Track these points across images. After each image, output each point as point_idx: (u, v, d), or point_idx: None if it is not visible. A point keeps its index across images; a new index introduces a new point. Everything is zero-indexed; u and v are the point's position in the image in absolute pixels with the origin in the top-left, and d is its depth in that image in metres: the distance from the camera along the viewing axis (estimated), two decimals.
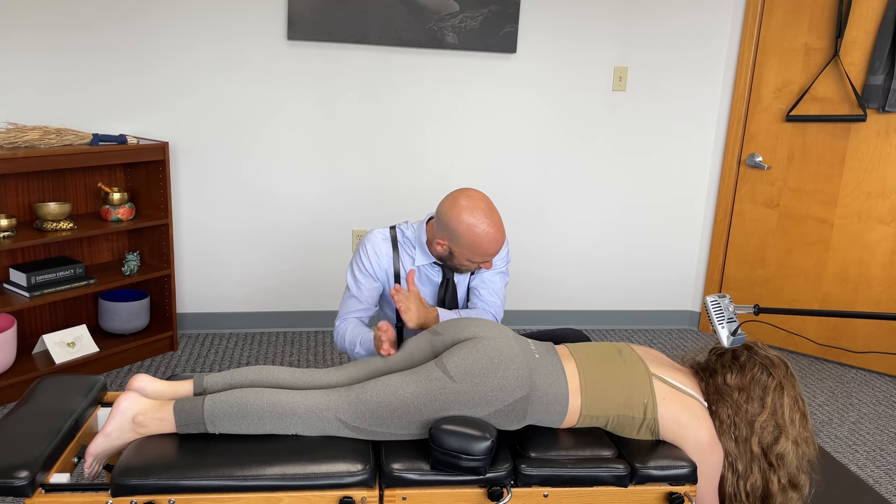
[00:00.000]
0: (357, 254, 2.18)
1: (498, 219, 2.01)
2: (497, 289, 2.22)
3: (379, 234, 2.17)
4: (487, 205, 2.01)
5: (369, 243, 2.16)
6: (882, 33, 3.28)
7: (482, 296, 2.20)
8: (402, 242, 2.17)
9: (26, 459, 1.50)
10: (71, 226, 2.91)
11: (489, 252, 2.01)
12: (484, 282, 2.21)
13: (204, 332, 3.61)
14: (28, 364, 2.92)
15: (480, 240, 1.98)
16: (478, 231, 1.98)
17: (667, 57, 3.70)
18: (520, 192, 3.76)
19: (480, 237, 1.98)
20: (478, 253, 2.01)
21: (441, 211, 2.02)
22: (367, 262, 2.15)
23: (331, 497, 1.58)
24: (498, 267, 2.22)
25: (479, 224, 1.98)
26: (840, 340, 3.67)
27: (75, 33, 3.12)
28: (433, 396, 1.64)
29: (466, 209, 1.98)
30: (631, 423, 1.76)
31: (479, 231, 1.98)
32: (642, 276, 4.01)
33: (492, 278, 2.21)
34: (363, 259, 2.15)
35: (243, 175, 3.47)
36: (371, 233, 2.18)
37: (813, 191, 3.62)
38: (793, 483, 1.74)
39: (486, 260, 2.05)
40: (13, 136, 2.77)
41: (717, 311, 1.79)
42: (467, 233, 1.98)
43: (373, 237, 2.17)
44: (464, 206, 1.99)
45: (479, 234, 1.98)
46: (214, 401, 1.64)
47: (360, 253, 2.17)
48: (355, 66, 3.43)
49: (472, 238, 1.98)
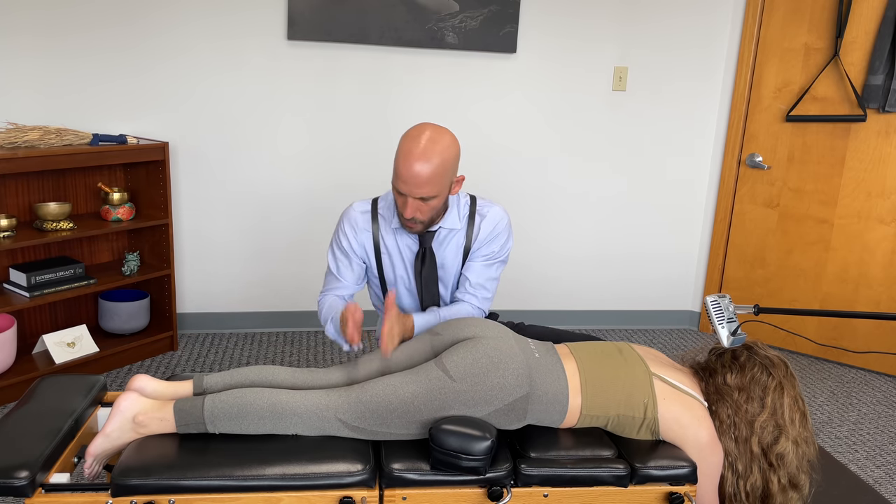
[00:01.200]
0: (335, 231, 2.10)
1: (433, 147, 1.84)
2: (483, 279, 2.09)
3: (357, 208, 2.08)
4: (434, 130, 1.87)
5: (346, 220, 2.08)
6: (882, 33, 3.28)
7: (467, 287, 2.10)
8: (382, 210, 2.07)
9: (26, 459, 1.50)
10: (71, 226, 2.91)
11: (401, 172, 1.84)
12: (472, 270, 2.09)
13: (204, 332, 3.61)
14: (28, 364, 2.92)
15: (400, 149, 1.86)
16: (403, 137, 1.87)
17: (667, 57, 3.70)
18: (520, 192, 3.76)
19: (401, 146, 1.86)
20: (395, 168, 1.87)
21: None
22: (343, 239, 2.08)
23: (331, 497, 1.58)
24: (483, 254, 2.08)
25: (408, 135, 1.87)
26: (840, 340, 3.67)
27: (75, 34, 3.12)
28: (433, 396, 1.64)
29: (407, 131, 1.89)
30: (631, 423, 1.76)
31: (404, 137, 1.87)
32: (642, 276, 4.01)
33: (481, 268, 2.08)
34: (340, 237, 2.08)
35: (243, 175, 3.47)
36: (349, 207, 2.09)
37: (813, 191, 3.62)
38: (793, 483, 1.74)
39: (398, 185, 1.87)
40: (13, 136, 2.77)
41: (717, 311, 1.79)
42: (400, 140, 1.88)
43: (350, 212, 2.08)
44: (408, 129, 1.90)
45: (402, 141, 1.86)
46: (214, 401, 1.64)
47: (337, 231, 2.10)
48: (355, 66, 3.43)
49: (398, 147, 1.87)
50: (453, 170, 1.91)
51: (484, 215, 2.07)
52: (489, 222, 2.07)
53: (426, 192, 1.86)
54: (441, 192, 1.90)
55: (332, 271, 2.13)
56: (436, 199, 1.90)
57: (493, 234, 2.07)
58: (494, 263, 2.11)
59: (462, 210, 2.06)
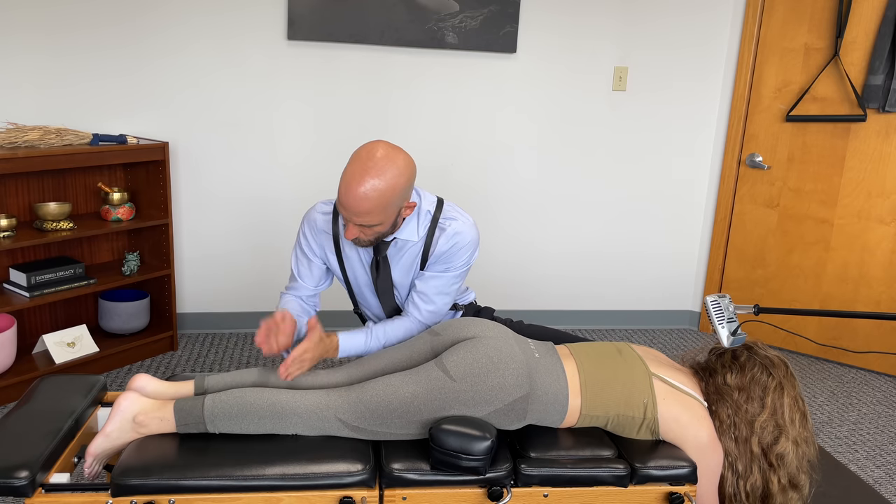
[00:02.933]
0: (298, 233, 2.06)
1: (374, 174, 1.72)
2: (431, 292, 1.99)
3: (319, 209, 2.01)
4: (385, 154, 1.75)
5: (306, 221, 2.02)
6: (882, 33, 3.28)
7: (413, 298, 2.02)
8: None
9: (26, 459, 1.50)
10: (71, 226, 2.91)
11: (342, 198, 1.75)
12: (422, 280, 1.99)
13: (204, 332, 3.61)
14: (28, 364, 2.92)
15: (343, 177, 1.75)
16: (346, 168, 1.76)
17: (667, 57, 3.70)
18: (519, 193, 3.76)
19: (344, 174, 1.75)
20: (338, 197, 1.77)
21: None
22: (303, 240, 2.03)
23: (331, 497, 1.58)
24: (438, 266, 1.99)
25: (351, 163, 1.76)
26: (840, 340, 3.67)
27: (75, 33, 3.12)
28: (433, 396, 1.64)
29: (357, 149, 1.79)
30: (631, 423, 1.76)
31: (347, 168, 1.76)
32: (642, 276, 4.01)
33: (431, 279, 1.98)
34: (300, 238, 2.04)
35: (243, 175, 3.47)
36: (312, 208, 2.02)
37: (813, 191, 3.62)
38: (793, 483, 1.74)
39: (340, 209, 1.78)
40: (13, 136, 2.77)
41: (717, 311, 1.79)
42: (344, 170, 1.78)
43: (311, 213, 2.01)
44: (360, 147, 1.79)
45: (345, 171, 1.76)
46: (215, 400, 1.64)
47: (298, 232, 2.05)
48: (355, 66, 3.43)
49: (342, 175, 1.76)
50: (402, 198, 1.80)
51: (444, 228, 1.95)
52: (448, 238, 1.95)
53: (366, 221, 1.77)
54: (385, 219, 1.80)
55: (292, 271, 2.11)
56: (379, 225, 1.81)
57: (453, 249, 1.96)
58: (446, 276, 1.99)
59: (423, 221, 1.95)
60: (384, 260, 1.98)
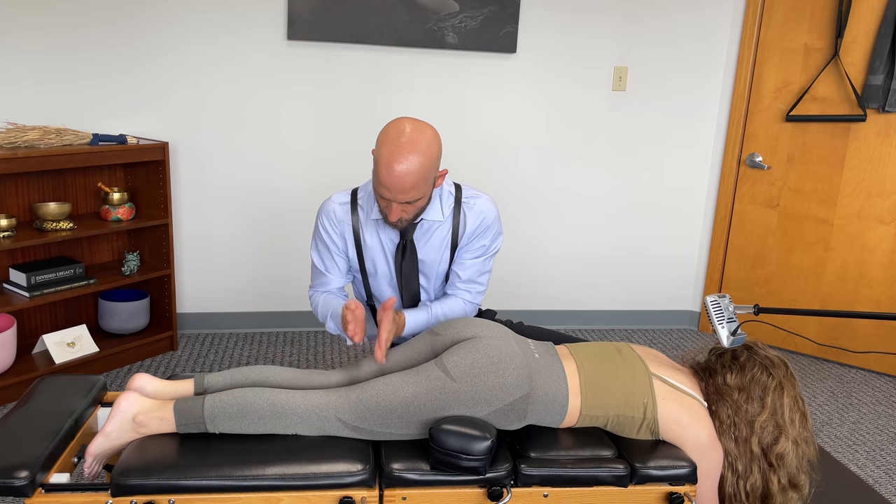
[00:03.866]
0: (315, 227, 2.06)
1: (409, 148, 1.75)
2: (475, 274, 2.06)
3: (336, 199, 2.02)
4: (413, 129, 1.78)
5: (324, 213, 2.02)
6: (882, 33, 3.28)
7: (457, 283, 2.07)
8: (362, 200, 2.01)
9: (26, 459, 1.50)
10: (71, 226, 2.91)
11: (383, 179, 1.77)
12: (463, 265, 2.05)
13: (204, 332, 3.61)
14: (28, 364, 2.92)
15: (380, 153, 1.78)
16: (382, 139, 1.79)
17: (667, 57, 3.70)
18: (519, 193, 3.76)
19: (380, 150, 1.78)
20: (376, 174, 1.79)
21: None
22: (323, 233, 2.03)
23: (331, 497, 1.58)
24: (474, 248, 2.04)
25: (387, 137, 1.78)
26: (840, 340, 3.67)
27: (75, 33, 3.12)
28: (433, 396, 1.64)
29: (391, 122, 1.80)
30: (631, 423, 1.76)
31: (382, 139, 1.79)
32: (642, 276, 4.01)
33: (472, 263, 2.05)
34: (320, 231, 2.03)
35: (243, 175, 3.47)
36: (328, 200, 2.03)
37: (813, 191, 3.62)
38: (793, 483, 1.74)
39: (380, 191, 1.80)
40: (13, 136, 2.77)
41: (717, 311, 1.79)
42: (378, 141, 1.80)
43: (328, 204, 2.02)
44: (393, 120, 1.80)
45: (381, 143, 1.78)
46: (215, 400, 1.64)
47: (317, 226, 2.05)
48: (355, 66, 3.44)
49: (377, 150, 1.79)
50: (436, 167, 1.84)
51: (471, 206, 2.00)
52: (476, 215, 2.00)
53: (411, 196, 1.81)
54: (426, 192, 1.84)
55: (317, 267, 2.09)
56: (421, 199, 1.85)
57: (483, 227, 2.01)
58: (485, 257, 2.06)
59: (446, 201, 1.99)
60: (411, 243, 1.98)
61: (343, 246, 2.05)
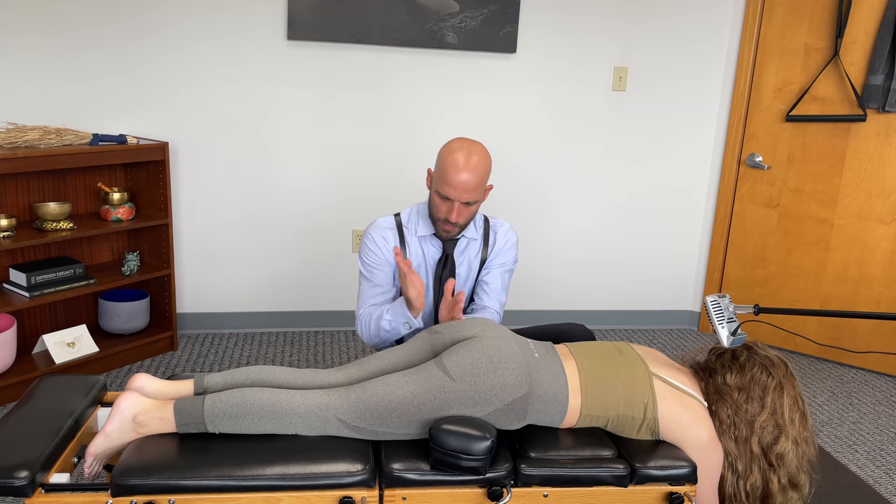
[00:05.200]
0: (364, 246, 2.21)
1: (475, 158, 2.04)
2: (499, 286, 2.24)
3: (383, 223, 2.22)
4: (472, 143, 2.07)
5: (374, 231, 2.20)
6: (882, 33, 3.28)
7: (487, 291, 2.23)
8: (406, 221, 2.22)
9: (26, 459, 1.50)
10: (71, 226, 2.91)
11: (450, 177, 2.02)
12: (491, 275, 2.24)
13: (204, 332, 3.61)
14: (28, 364, 2.92)
15: (446, 159, 2.03)
16: (447, 149, 2.05)
17: (667, 57, 3.70)
18: (520, 193, 3.76)
19: (447, 158, 2.03)
20: (442, 176, 2.03)
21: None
22: (374, 247, 2.18)
23: (331, 497, 1.58)
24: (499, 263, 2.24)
25: (452, 148, 2.04)
26: (840, 340, 3.67)
27: (75, 33, 3.12)
28: (433, 396, 1.64)
29: (452, 140, 2.09)
30: (631, 423, 1.76)
31: (448, 149, 2.05)
32: (642, 276, 4.01)
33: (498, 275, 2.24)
34: (370, 246, 2.19)
35: (243, 175, 3.47)
36: (375, 222, 2.22)
37: (813, 191, 3.62)
38: (793, 483, 1.74)
39: (447, 191, 2.03)
40: (13, 136, 2.77)
41: (717, 311, 1.79)
42: (441, 152, 2.06)
43: (377, 226, 2.21)
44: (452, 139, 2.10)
45: (447, 153, 2.04)
46: (214, 400, 1.64)
47: (366, 244, 2.20)
48: (355, 66, 3.44)
49: (443, 157, 2.04)
50: (488, 178, 2.13)
51: (497, 229, 2.28)
52: (502, 235, 2.27)
53: (471, 198, 2.06)
54: (480, 197, 2.11)
55: (367, 279, 2.21)
56: (476, 203, 2.10)
57: (508, 246, 2.26)
58: (506, 273, 2.27)
59: (478, 222, 2.26)
60: (451, 257, 2.21)
61: (391, 258, 2.20)
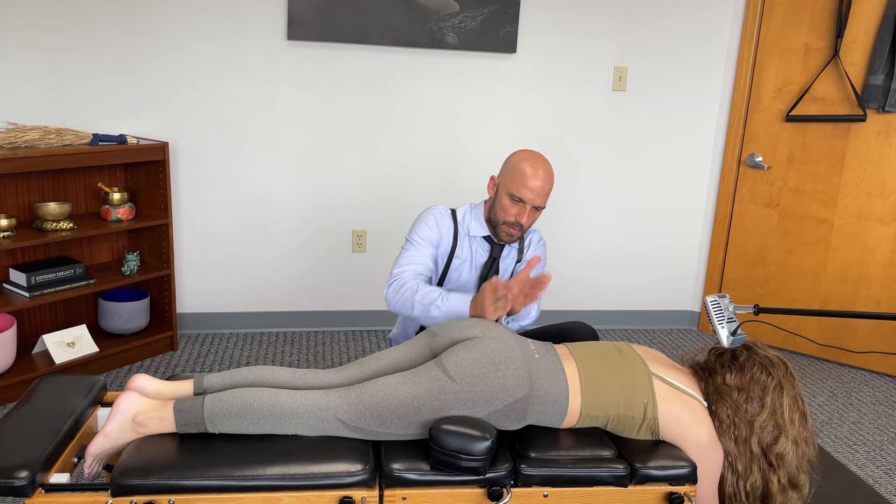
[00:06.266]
0: (421, 222, 2.26)
1: (547, 166, 2.17)
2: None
3: (444, 211, 2.31)
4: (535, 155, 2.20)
5: (432, 213, 2.28)
6: (882, 33, 3.28)
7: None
8: (461, 219, 2.31)
9: (26, 459, 1.50)
10: (71, 226, 2.91)
11: (526, 178, 2.14)
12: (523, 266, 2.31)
13: (204, 332, 3.61)
14: (28, 364, 2.92)
15: (520, 164, 2.16)
16: (520, 157, 2.19)
17: (667, 57, 3.70)
18: None
19: (522, 163, 2.16)
20: (516, 180, 2.15)
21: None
22: (429, 226, 2.25)
23: (331, 497, 1.58)
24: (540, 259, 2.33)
25: (525, 156, 2.18)
26: (840, 340, 3.67)
27: (75, 32, 3.12)
28: (433, 396, 1.64)
29: (521, 150, 2.24)
30: (631, 423, 1.76)
31: (521, 156, 2.18)
32: (642, 276, 4.01)
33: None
34: (430, 225, 2.25)
35: (243, 175, 3.47)
36: (437, 207, 2.31)
37: (813, 191, 3.62)
38: (793, 483, 1.74)
39: (522, 193, 2.14)
40: (13, 136, 2.77)
41: (716, 311, 1.79)
42: (512, 159, 2.20)
43: (440, 210, 2.30)
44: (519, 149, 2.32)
45: (520, 159, 2.18)
46: (214, 400, 1.64)
47: (424, 221, 2.26)
48: (355, 66, 3.44)
49: (515, 163, 2.17)
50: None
51: (530, 234, 2.40)
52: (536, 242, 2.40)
53: (542, 202, 2.20)
54: (545, 204, 2.28)
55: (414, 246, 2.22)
56: (541, 210, 2.23)
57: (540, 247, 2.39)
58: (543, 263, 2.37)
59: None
60: (497, 261, 2.31)
61: (440, 242, 2.28)
